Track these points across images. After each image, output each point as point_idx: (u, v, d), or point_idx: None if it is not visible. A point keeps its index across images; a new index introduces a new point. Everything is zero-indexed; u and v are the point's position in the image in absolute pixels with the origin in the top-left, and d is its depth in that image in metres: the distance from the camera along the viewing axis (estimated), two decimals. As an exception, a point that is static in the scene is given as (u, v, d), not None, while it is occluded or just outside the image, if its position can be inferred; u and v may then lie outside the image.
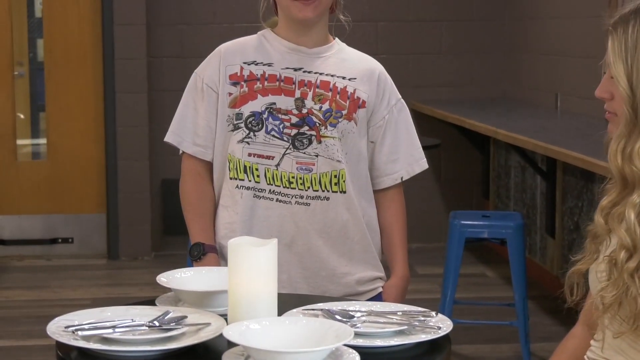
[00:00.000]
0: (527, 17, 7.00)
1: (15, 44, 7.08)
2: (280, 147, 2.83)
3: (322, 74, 2.88)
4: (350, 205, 2.89)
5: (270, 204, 2.84)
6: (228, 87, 2.88)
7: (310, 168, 2.83)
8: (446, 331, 2.15)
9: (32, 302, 6.05)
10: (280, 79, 2.87)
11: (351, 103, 2.87)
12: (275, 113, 2.84)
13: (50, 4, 7.05)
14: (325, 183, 2.85)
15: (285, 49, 2.89)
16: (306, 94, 2.86)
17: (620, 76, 2.00)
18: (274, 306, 2.13)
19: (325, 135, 2.84)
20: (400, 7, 7.31)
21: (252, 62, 2.90)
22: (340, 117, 2.86)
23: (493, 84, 7.47)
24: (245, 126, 2.84)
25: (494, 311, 5.48)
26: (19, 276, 6.67)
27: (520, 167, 6.65)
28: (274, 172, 2.83)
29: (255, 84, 2.86)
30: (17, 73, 7.11)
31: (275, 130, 2.83)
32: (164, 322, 2.14)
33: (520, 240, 4.75)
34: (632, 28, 1.99)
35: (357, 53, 2.99)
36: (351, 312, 2.25)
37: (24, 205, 7.15)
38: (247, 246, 2.11)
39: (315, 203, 2.85)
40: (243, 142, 2.84)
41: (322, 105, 2.85)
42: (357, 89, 2.89)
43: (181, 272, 2.48)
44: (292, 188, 2.83)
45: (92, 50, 7.03)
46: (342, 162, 2.85)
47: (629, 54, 1.99)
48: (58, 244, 7.19)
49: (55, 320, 2.16)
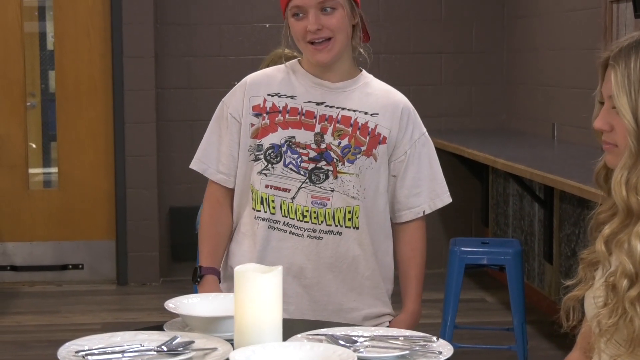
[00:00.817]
0: (525, 50, 7.01)
1: (28, 75, 7.10)
2: (296, 181, 2.81)
3: (344, 109, 2.85)
4: (362, 241, 2.85)
5: (284, 235, 2.82)
6: (251, 117, 2.86)
7: (325, 203, 2.81)
8: (447, 356, 2.15)
9: (42, 326, 6.04)
10: (301, 112, 2.84)
11: (371, 139, 2.84)
12: (294, 147, 2.81)
13: (61, 37, 7.07)
14: (339, 218, 2.82)
15: (310, 83, 2.86)
16: (326, 129, 2.82)
17: (624, 109, 1.99)
18: (278, 331, 2.13)
19: (341, 171, 2.81)
20: (401, 39, 7.33)
21: (276, 94, 2.87)
22: (358, 154, 2.82)
23: (492, 114, 7.47)
24: (264, 158, 2.82)
25: (493, 336, 5.47)
26: (30, 301, 6.66)
27: (518, 195, 6.64)
28: (289, 205, 2.81)
29: (276, 116, 2.84)
30: (30, 104, 7.13)
31: (293, 164, 2.81)
32: (171, 347, 2.13)
33: (519, 267, 4.74)
34: (635, 62, 1.98)
35: (383, 86, 2.98)
36: (354, 337, 2.24)
37: (36, 233, 7.16)
38: (252, 273, 2.11)
39: (328, 237, 2.82)
40: (262, 173, 2.82)
41: (341, 141, 2.82)
42: (379, 125, 2.86)
43: (188, 298, 2.48)
44: (306, 222, 2.81)
45: (102, 82, 7.05)
46: (356, 198, 2.82)
47: (632, 87, 1.98)
48: (68, 270, 7.18)
49: (65, 345, 2.16)
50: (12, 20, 7.00)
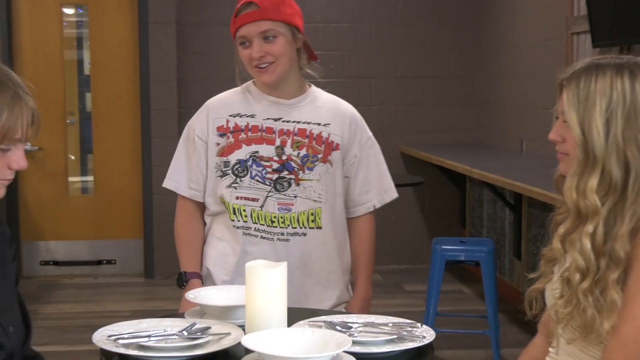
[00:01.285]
0: (496, 75, 7.01)
1: (68, 96, 7.10)
2: (263, 191, 2.77)
3: (299, 122, 2.81)
4: (325, 240, 2.83)
5: (256, 240, 2.79)
6: (216, 138, 2.83)
7: (290, 208, 2.78)
8: (430, 340, 2.15)
9: (80, 314, 6.04)
10: (262, 129, 2.80)
11: (326, 147, 2.81)
12: (258, 160, 2.78)
13: (96, 63, 7.08)
14: (303, 221, 2.79)
15: (266, 102, 2.83)
16: (285, 142, 2.79)
17: (573, 123, 1.99)
18: (284, 318, 2.13)
19: (302, 178, 2.78)
20: (390, 65, 7.33)
21: (237, 114, 2.84)
22: (316, 161, 2.80)
23: (468, 130, 7.47)
24: (232, 173, 2.79)
25: (470, 322, 5.46)
26: (70, 292, 6.66)
27: (491, 200, 6.64)
28: (259, 213, 2.78)
29: (240, 134, 2.80)
30: (69, 121, 7.13)
31: (258, 176, 2.78)
32: (191, 332, 2.14)
33: (492, 262, 4.74)
34: (583, 83, 1.98)
35: (331, 98, 2.92)
36: (349, 323, 2.24)
37: (74, 233, 7.16)
38: (261, 268, 2.12)
39: (294, 239, 2.79)
40: (231, 187, 2.79)
41: (300, 152, 2.79)
42: (332, 134, 2.83)
43: (206, 289, 2.49)
44: (275, 227, 2.78)
45: (131, 102, 7.06)
46: (318, 201, 2.79)
47: (580, 104, 1.98)
48: (103, 265, 7.18)
49: (99, 330, 2.17)
50: (54, 49, 7.01)
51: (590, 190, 1.97)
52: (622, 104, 1.95)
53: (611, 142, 1.95)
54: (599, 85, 1.97)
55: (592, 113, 1.96)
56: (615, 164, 1.96)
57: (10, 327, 2.10)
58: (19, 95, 1.98)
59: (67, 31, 7.12)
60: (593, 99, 1.97)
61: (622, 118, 1.95)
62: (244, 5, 2.74)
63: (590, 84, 1.98)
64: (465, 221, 7.35)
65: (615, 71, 1.97)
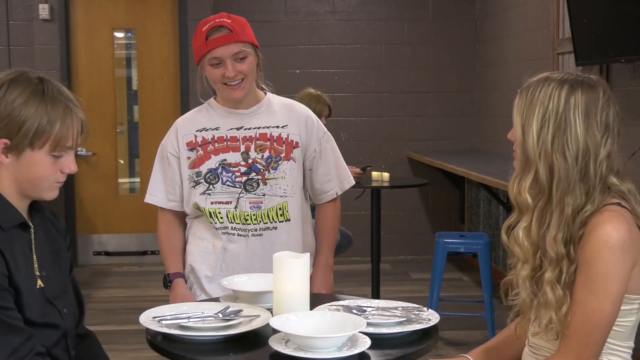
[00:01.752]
0: (491, 90, 6.98)
1: (118, 109, 7.11)
2: (235, 193, 2.73)
3: (259, 128, 2.77)
4: (294, 230, 2.79)
5: (233, 237, 2.75)
6: (186, 152, 2.78)
7: (260, 205, 2.74)
8: (434, 322, 2.13)
9: (128, 297, 6.05)
10: (226, 139, 2.76)
11: (287, 146, 2.77)
12: (227, 167, 2.74)
13: (143, 80, 7.09)
14: (273, 216, 2.75)
15: (227, 114, 2.79)
16: (249, 147, 2.75)
17: (517, 125, 1.98)
18: (307, 302, 2.12)
19: (269, 177, 2.74)
20: (398, 82, 7.31)
21: (203, 129, 2.79)
22: (279, 160, 2.76)
23: (466, 138, 7.44)
24: (205, 181, 2.75)
25: (468, 306, 5.44)
26: (119, 279, 6.67)
27: (487, 199, 6.61)
28: (233, 213, 2.74)
29: (208, 146, 2.76)
30: (119, 130, 7.14)
31: (229, 181, 2.74)
32: (225, 314, 2.13)
33: (488, 254, 4.71)
34: (531, 92, 1.98)
35: (284, 101, 2.87)
36: (364, 307, 2.23)
37: (123, 227, 7.17)
38: (287, 259, 2.11)
39: (267, 233, 2.75)
40: (205, 194, 2.75)
41: (264, 154, 2.75)
42: (290, 134, 2.78)
43: (238, 277, 2.47)
44: (248, 224, 2.74)
45: (172, 113, 7.04)
46: (284, 196, 2.75)
47: (524, 110, 1.97)
48: (147, 255, 7.18)
49: (145, 312, 2.16)
50: (106, 68, 7.03)
51: (524, 188, 1.97)
52: (555, 114, 1.93)
53: (541, 146, 1.94)
54: (540, 95, 1.96)
55: (531, 118, 1.95)
56: (543, 167, 1.94)
57: (65, 309, 2.11)
58: (70, 108, 2.02)
59: (118, 52, 7.13)
60: (534, 107, 1.96)
61: (553, 127, 1.93)
62: (215, 28, 2.67)
63: (535, 93, 1.97)
64: (464, 217, 7.32)
65: (558, 84, 1.95)
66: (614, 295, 1.86)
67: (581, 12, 4.41)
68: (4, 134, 1.97)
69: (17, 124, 1.96)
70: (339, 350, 1.88)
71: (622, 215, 1.89)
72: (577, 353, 1.89)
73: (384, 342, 2.01)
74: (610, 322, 1.89)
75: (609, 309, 1.87)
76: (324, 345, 1.87)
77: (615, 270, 1.85)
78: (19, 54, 6.88)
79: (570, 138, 1.91)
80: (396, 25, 7.29)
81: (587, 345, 1.88)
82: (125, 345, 4.87)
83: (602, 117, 1.93)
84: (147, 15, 7.03)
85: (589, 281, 1.87)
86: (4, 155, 1.99)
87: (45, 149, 2.00)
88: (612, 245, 1.84)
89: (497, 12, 6.83)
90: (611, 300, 1.86)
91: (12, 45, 6.90)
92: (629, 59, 4.02)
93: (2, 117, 1.96)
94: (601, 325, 1.88)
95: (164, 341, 2.03)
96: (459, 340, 4.94)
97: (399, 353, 1.97)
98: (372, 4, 7.27)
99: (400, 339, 2.06)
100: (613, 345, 1.97)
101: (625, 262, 1.86)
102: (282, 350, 1.88)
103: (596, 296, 1.86)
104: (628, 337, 1.99)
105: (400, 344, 2.03)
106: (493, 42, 6.94)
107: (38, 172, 2.01)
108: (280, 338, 1.96)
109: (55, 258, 2.13)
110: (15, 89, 1.98)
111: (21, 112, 1.96)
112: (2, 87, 1.99)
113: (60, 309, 2.09)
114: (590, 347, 1.89)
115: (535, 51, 5.80)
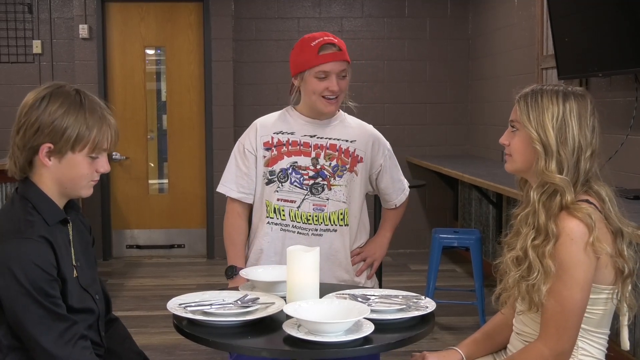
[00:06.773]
0: (482, 101, 6.96)
1: (149, 118, 7.12)
2: (300, 194, 2.71)
3: (330, 139, 2.74)
4: (351, 235, 2.77)
5: (293, 235, 2.71)
6: (263, 151, 2.74)
7: (323, 208, 2.71)
8: (432, 309, 2.13)
9: (157, 286, 6.05)
10: (300, 143, 2.73)
11: (352, 159, 2.74)
12: (297, 169, 2.71)
13: (171, 92, 7.09)
14: (334, 219, 2.72)
15: (304, 122, 2.75)
16: (319, 154, 2.72)
17: (526, 126, 2.03)
18: (317, 291, 2.11)
19: (334, 184, 2.72)
20: (399, 93, 7.30)
21: (280, 132, 2.75)
22: (345, 171, 2.73)
23: (460, 144, 7.42)
24: (277, 180, 2.72)
25: (461, 295, 5.42)
26: (149, 269, 6.67)
27: (478, 199, 6.59)
28: (295, 212, 2.71)
29: (282, 148, 2.73)
30: (149, 137, 7.15)
31: (297, 182, 2.71)
32: (244, 302, 2.13)
33: (479, 248, 4.70)
34: (531, 99, 2.05)
35: (356, 121, 2.83)
36: (368, 296, 2.22)
37: (153, 223, 7.17)
38: (299, 252, 2.10)
39: (327, 234, 2.73)
40: (275, 191, 2.72)
41: (331, 162, 2.72)
42: (357, 149, 2.76)
43: (256, 268, 2.47)
44: (309, 224, 2.71)
45: (198, 122, 7.08)
46: (345, 202, 2.73)
47: (531, 113, 2.03)
48: (174, 248, 7.19)
49: (172, 299, 2.17)
50: (139, 82, 7.04)
51: (552, 170, 1.99)
52: (557, 115, 1.99)
53: (556, 136, 1.99)
54: (544, 101, 2.02)
55: (542, 118, 2.00)
56: (562, 151, 1.99)
57: (97, 295, 2.15)
58: (105, 116, 2.06)
59: (149, 67, 7.14)
60: (540, 109, 2.01)
61: (556, 125, 1.99)
62: (326, 45, 2.63)
63: (537, 99, 2.03)
64: (458, 215, 7.30)
65: (554, 93, 2.02)
66: (582, 282, 1.90)
67: (563, 31, 4.40)
68: (47, 140, 2.00)
69: (59, 131, 1.99)
70: (345, 334, 1.88)
71: (587, 213, 1.92)
72: (556, 338, 1.91)
73: (386, 327, 2.00)
74: (582, 307, 1.93)
75: (579, 295, 1.91)
76: (332, 329, 1.87)
77: (579, 259, 1.90)
78: (61, 69, 6.91)
79: (568, 135, 1.98)
80: (397, 43, 7.29)
81: (565, 330, 1.92)
82: (154, 329, 4.87)
83: (590, 122, 2.00)
84: (175, 34, 7.04)
85: (558, 270, 1.92)
86: (47, 159, 2.02)
87: (84, 151, 2.03)
88: (573, 238, 1.90)
89: (487, 32, 6.82)
90: (580, 287, 1.90)
91: (55, 61, 6.94)
92: (605, 74, 4.01)
93: (46, 125, 1.99)
94: (575, 311, 1.91)
95: (189, 325, 2.03)
96: (453, 325, 4.93)
97: (399, 337, 1.96)
98: (376, 25, 7.27)
99: (401, 324, 2.06)
100: (587, 330, 1.99)
101: (587, 252, 1.90)
102: (295, 334, 1.88)
103: (565, 284, 1.90)
104: (600, 324, 2.00)
105: (401, 329, 2.03)
106: (484, 59, 6.92)
107: (78, 172, 2.04)
108: (293, 323, 1.95)
109: (85, 250, 2.16)
110: (57, 101, 2.01)
111: (63, 120, 1.99)
112: (44, 99, 2.02)
113: (93, 295, 2.12)
114: (568, 331, 1.92)
115: (522, 67, 5.78)
